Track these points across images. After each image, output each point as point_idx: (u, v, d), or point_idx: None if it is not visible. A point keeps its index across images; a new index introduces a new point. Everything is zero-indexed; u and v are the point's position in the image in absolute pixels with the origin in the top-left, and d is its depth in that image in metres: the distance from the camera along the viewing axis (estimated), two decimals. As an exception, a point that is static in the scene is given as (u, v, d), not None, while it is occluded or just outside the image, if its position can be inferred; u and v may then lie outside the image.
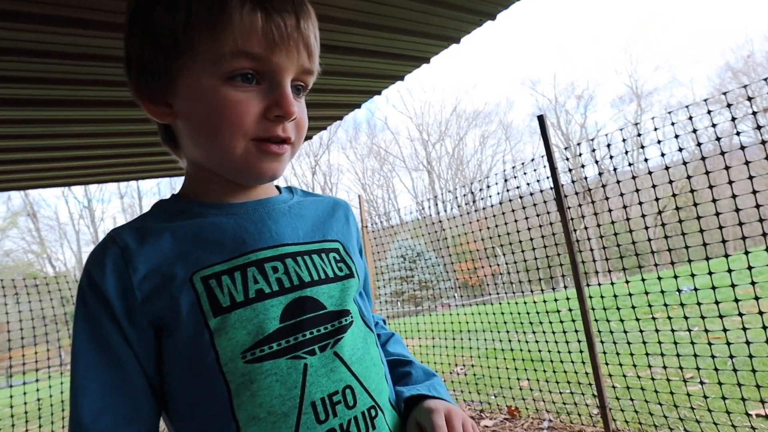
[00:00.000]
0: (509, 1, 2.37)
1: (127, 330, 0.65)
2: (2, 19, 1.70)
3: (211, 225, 0.71)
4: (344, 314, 0.73)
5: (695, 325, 3.50)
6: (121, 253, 0.66)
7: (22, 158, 3.09)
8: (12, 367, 5.27)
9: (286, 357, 0.65)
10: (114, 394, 0.64)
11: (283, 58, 0.67)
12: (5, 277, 16.40)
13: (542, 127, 3.24)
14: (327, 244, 0.78)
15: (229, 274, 0.67)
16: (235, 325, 0.64)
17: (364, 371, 0.71)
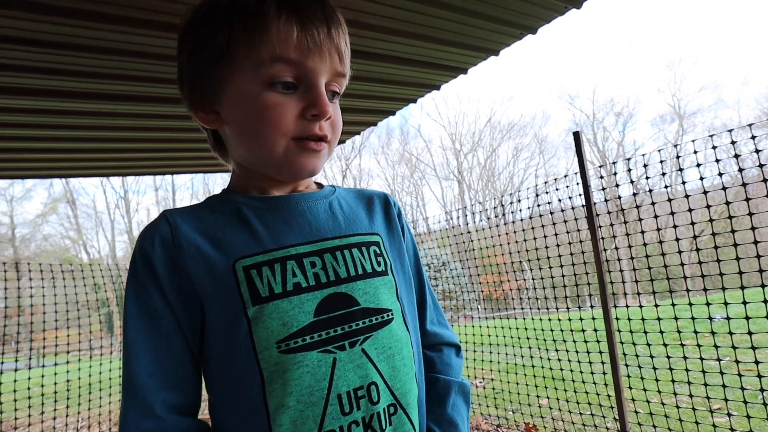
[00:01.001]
0: (551, 16, 2.37)
1: (173, 302, 0.71)
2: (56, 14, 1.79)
3: (255, 216, 0.76)
4: (379, 312, 0.75)
5: (726, 355, 3.40)
6: (171, 230, 0.72)
7: (66, 147, 3.20)
8: (45, 347, 5.44)
9: (317, 350, 0.69)
10: (159, 361, 0.69)
11: (316, 63, 0.72)
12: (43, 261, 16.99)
13: (578, 144, 3.20)
14: (367, 237, 0.81)
15: (269, 265, 0.71)
16: (271, 315, 0.68)
17: (390, 370, 0.74)
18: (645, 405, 3.50)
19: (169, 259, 0.71)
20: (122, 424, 0.68)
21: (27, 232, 23.62)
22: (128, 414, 0.67)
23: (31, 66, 2.12)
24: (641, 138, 30.12)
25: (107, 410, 5.65)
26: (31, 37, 1.91)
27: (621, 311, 4.57)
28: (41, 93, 2.36)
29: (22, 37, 1.90)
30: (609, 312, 3.07)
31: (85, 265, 6.64)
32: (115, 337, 16.96)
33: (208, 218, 0.76)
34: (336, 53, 0.74)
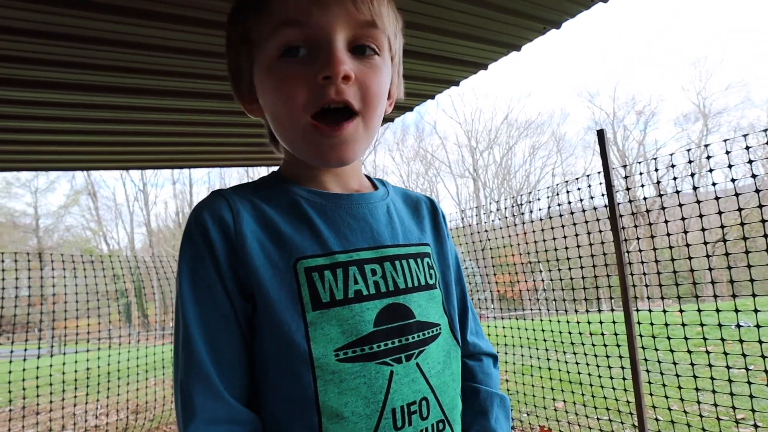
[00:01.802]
0: (576, 9, 2.29)
1: (230, 289, 0.65)
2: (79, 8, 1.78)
3: (316, 214, 0.71)
4: (430, 326, 0.72)
5: (752, 364, 3.28)
6: (232, 216, 0.67)
7: (88, 141, 3.24)
8: (66, 336, 5.54)
9: (375, 362, 0.66)
10: (220, 349, 0.64)
11: (326, 16, 0.64)
12: (65, 251, 17.31)
13: (602, 143, 3.12)
14: (422, 248, 0.77)
15: (331, 269, 0.67)
16: (331, 322, 0.65)
17: (440, 385, 0.71)
18: (666, 412, 3.40)
19: (229, 247, 0.66)
20: (189, 409, 0.61)
21: (50, 223, 24.17)
22: (197, 399, 0.61)
23: (55, 60, 2.14)
24: (663, 137, 29.62)
25: (125, 398, 5.75)
26: (55, 31, 1.92)
27: (643, 315, 4.46)
28: (65, 86, 2.38)
29: (47, 30, 1.91)
30: (630, 315, 2.99)
31: (105, 255, 6.77)
32: (133, 327, 17.25)
33: (266, 208, 0.70)
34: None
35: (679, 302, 3.00)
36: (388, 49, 0.71)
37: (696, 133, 24.03)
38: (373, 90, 0.67)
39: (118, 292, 8.69)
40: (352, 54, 0.66)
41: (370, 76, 0.67)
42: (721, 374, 3.11)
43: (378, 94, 0.68)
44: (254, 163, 4.83)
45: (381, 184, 0.84)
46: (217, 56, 2.29)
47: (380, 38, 0.68)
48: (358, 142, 0.69)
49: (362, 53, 0.67)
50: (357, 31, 0.66)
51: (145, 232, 27.92)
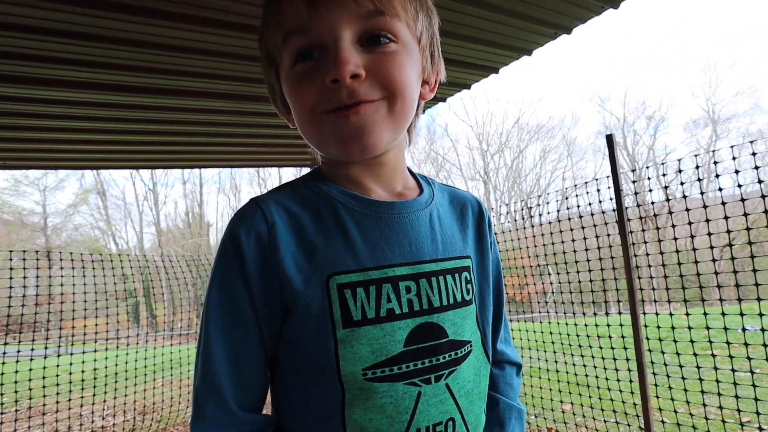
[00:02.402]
0: (587, 15, 2.33)
1: (258, 302, 0.66)
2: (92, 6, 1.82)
3: (353, 224, 0.69)
4: (462, 344, 0.70)
5: (758, 367, 3.30)
6: (268, 229, 0.66)
7: (98, 139, 3.27)
8: (74, 336, 5.56)
9: (403, 382, 0.65)
10: (236, 360, 0.66)
11: (328, 16, 0.62)
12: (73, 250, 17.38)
13: (610, 147, 3.15)
14: (461, 262, 0.74)
15: (364, 287, 0.65)
16: (361, 341, 0.64)
17: (468, 405, 0.70)
18: (672, 415, 3.42)
19: (263, 260, 0.65)
20: (200, 415, 0.66)
21: (58, 222, 24.30)
22: (207, 406, 0.65)
23: (66, 58, 2.18)
24: (673, 142, 29.43)
25: (132, 399, 5.76)
26: (68, 29, 1.96)
27: (649, 318, 4.48)
28: (76, 85, 2.42)
29: (59, 29, 1.95)
30: (638, 318, 3.01)
31: (114, 255, 6.78)
32: (141, 327, 17.30)
33: (303, 216, 0.68)
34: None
35: (685, 306, 3.02)
36: (409, 32, 0.68)
37: (705, 139, 23.91)
38: (394, 76, 0.64)
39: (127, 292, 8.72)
40: (364, 47, 0.64)
41: (385, 64, 0.64)
42: (726, 377, 3.12)
43: (400, 80, 0.65)
44: (265, 164, 4.86)
45: (426, 185, 0.80)
46: (228, 56, 2.33)
47: (393, 25, 0.65)
48: (381, 125, 0.65)
49: (376, 44, 0.64)
50: (364, 23, 0.63)
51: (155, 231, 28.04)
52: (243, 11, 1.97)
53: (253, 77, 2.58)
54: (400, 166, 0.77)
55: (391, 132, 0.67)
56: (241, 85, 2.67)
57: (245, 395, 0.67)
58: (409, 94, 0.67)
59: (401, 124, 0.68)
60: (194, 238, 27.10)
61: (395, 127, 0.67)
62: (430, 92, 0.76)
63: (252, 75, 2.56)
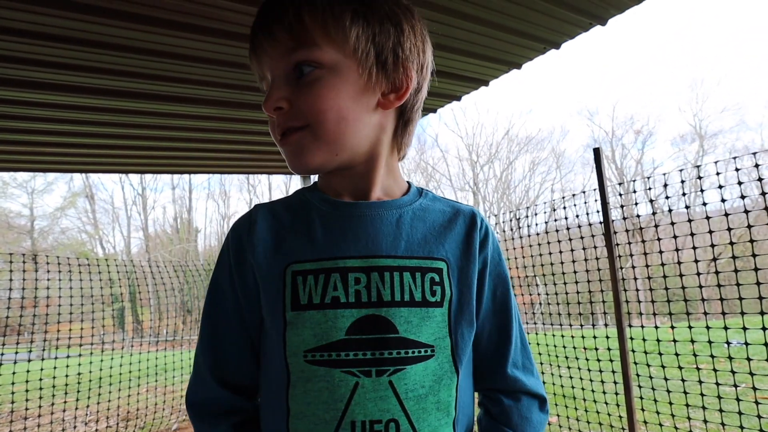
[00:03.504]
0: (575, 32, 2.37)
1: (239, 292, 0.75)
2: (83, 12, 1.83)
3: (320, 221, 0.75)
4: (416, 345, 0.69)
5: (742, 382, 3.32)
6: (249, 227, 0.76)
7: (88, 143, 3.25)
8: (59, 339, 5.48)
9: (340, 369, 0.66)
10: (217, 342, 0.77)
11: (262, 61, 0.73)
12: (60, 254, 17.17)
13: (597, 160, 3.18)
14: (429, 263, 0.72)
15: (314, 274, 0.69)
16: (305, 324, 0.68)
17: (419, 411, 0.68)
18: (657, 428, 3.43)
19: (239, 254, 0.75)
20: (188, 386, 0.79)
21: (45, 225, 24.01)
22: (191, 380, 0.78)
23: (56, 62, 2.17)
24: (660, 157, 29.74)
25: (116, 405, 5.69)
26: (58, 34, 1.96)
27: (635, 331, 4.51)
28: (65, 88, 2.41)
29: (49, 33, 1.95)
30: (623, 331, 3.03)
31: (100, 259, 6.70)
32: (126, 332, 17.10)
33: (284, 217, 0.77)
34: (273, 33, 0.69)
35: (671, 319, 3.05)
36: (336, 53, 0.70)
37: (692, 154, 24.24)
38: (311, 105, 0.69)
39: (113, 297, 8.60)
40: (295, 79, 0.70)
41: (304, 94, 0.69)
42: (711, 391, 3.14)
43: (317, 107, 0.69)
44: (255, 171, 4.86)
45: (413, 194, 0.81)
46: (220, 64, 2.33)
47: (310, 54, 0.69)
48: (310, 149, 0.71)
49: (302, 74, 0.69)
50: (287, 58, 0.69)
51: (142, 236, 27.80)
52: (233, 19, 1.98)
53: (244, 85, 2.59)
54: (379, 176, 0.78)
55: (323, 153, 0.71)
56: (232, 93, 2.67)
57: (221, 372, 0.76)
58: (334, 116, 0.69)
59: (334, 144, 0.71)
60: (182, 243, 26.90)
61: (327, 148, 0.71)
62: (397, 99, 0.75)
63: (243, 82, 2.56)
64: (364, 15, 0.71)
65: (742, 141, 23.97)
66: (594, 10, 2.17)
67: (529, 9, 2.12)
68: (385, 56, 0.73)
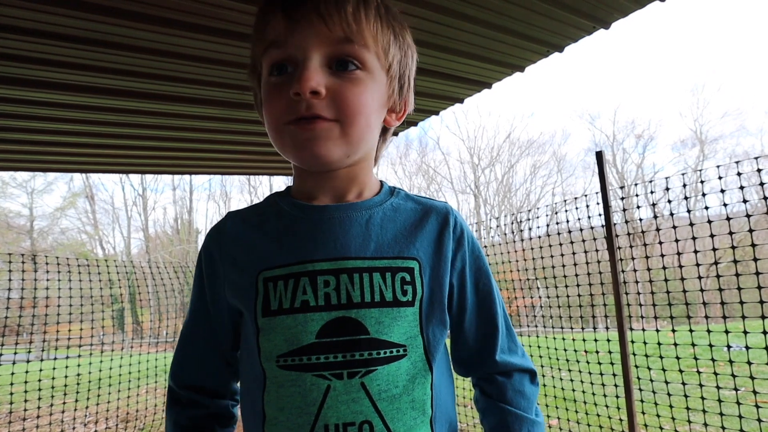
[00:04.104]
0: (578, 35, 2.37)
1: (210, 299, 0.79)
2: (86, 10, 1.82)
3: (289, 226, 0.75)
4: (388, 345, 0.69)
5: (743, 386, 3.33)
6: (218, 238, 0.79)
7: (89, 143, 3.24)
8: (58, 340, 5.46)
9: (312, 373, 0.67)
10: (189, 345, 0.83)
11: (299, 36, 0.68)
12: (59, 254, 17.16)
13: (600, 164, 3.19)
14: (399, 262, 0.72)
15: (284, 279, 0.70)
16: (276, 329, 0.69)
17: (393, 411, 0.68)
18: (657, 431, 3.43)
19: (210, 265, 0.78)
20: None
21: (45, 225, 23.98)
22: (170, 372, 0.84)
23: (57, 60, 2.17)
24: (661, 161, 29.87)
25: (115, 406, 5.68)
26: (59, 32, 1.95)
27: (636, 334, 4.51)
28: (68, 87, 2.41)
29: (51, 31, 1.94)
30: (624, 334, 3.03)
31: (100, 260, 6.69)
32: (125, 333, 17.08)
33: (254, 224, 0.78)
34: (329, 18, 0.67)
35: (671, 323, 3.05)
36: (378, 62, 0.72)
37: (693, 159, 24.27)
38: (350, 102, 0.68)
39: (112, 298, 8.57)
40: (333, 69, 0.69)
41: (346, 89, 0.68)
42: (711, 395, 3.14)
43: (356, 105, 0.69)
44: (255, 172, 4.86)
45: (384, 194, 0.81)
46: (222, 64, 2.33)
47: (361, 53, 0.69)
48: (332, 142, 0.69)
49: (343, 68, 0.69)
50: (334, 47, 0.68)
51: (142, 237, 27.77)
52: (235, 19, 1.98)
53: (246, 85, 2.59)
54: (359, 182, 0.79)
55: (342, 150, 0.70)
56: (234, 93, 2.68)
57: (184, 373, 0.82)
58: (364, 121, 0.71)
59: (354, 145, 0.71)
60: (182, 244, 26.88)
61: (347, 148, 0.71)
62: (396, 120, 0.81)
63: (244, 83, 2.56)
64: (397, 38, 0.76)
65: (743, 146, 24.01)
66: (598, 13, 2.18)
67: (533, 12, 2.12)
68: (402, 81, 0.79)
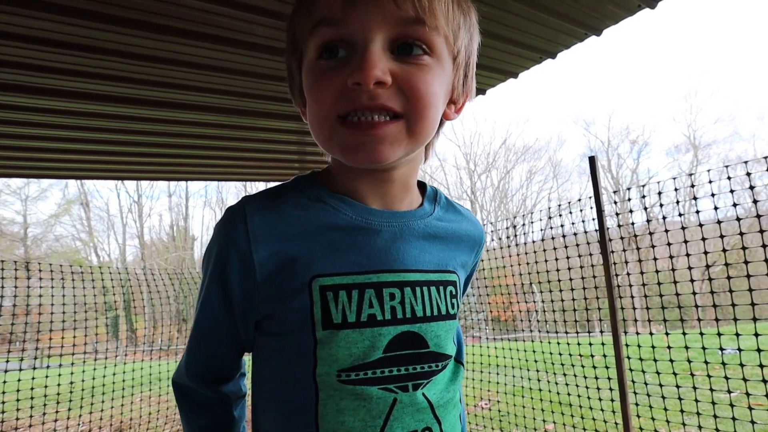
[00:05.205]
0: (571, 42, 2.40)
1: (235, 301, 0.68)
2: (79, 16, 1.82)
3: (341, 229, 0.67)
4: (442, 357, 0.70)
5: (736, 388, 3.35)
6: (246, 233, 0.65)
7: (83, 149, 3.23)
8: (51, 348, 5.42)
9: (378, 387, 0.64)
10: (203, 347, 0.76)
11: (361, 14, 0.59)
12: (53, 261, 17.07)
13: (593, 169, 3.22)
14: (447, 276, 0.73)
15: (347, 290, 0.65)
16: (339, 344, 0.64)
17: (445, 415, 0.70)
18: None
19: (237, 257, 0.66)
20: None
21: (39, 232, 23.85)
22: (177, 369, 0.80)
23: (52, 67, 2.17)
24: (656, 167, 29.99)
25: (108, 414, 5.63)
26: (54, 38, 1.96)
27: (631, 338, 4.53)
28: (60, 93, 2.40)
29: (45, 37, 1.94)
30: (619, 339, 3.05)
31: (95, 267, 6.65)
32: (120, 341, 16.97)
33: (291, 217, 0.67)
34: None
35: (665, 326, 3.07)
36: (445, 47, 0.64)
37: (687, 164, 24.46)
38: (421, 91, 0.61)
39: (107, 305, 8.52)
40: (395, 54, 0.61)
41: (415, 77, 0.61)
42: (705, 397, 3.16)
43: (426, 96, 0.61)
44: (252, 178, 4.85)
45: (429, 200, 0.78)
46: (217, 70, 2.34)
47: (430, 37, 0.61)
48: (397, 144, 0.62)
49: (408, 53, 0.61)
50: (400, 28, 0.60)
51: (138, 244, 27.63)
52: (231, 26, 2.00)
53: (242, 91, 2.60)
54: (410, 185, 0.75)
55: (404, 151, 0.64)
56: (230, 99, 2.69)
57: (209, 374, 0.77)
58: (432, 114, 0.64)
59: (419, 143, 0.66)
60: (178, 251, 26.77)
61: (412, 146, 0.65)
62: (456, 113, 0.74)
63: (241, 89, 2.58)
64: (466, 18, 0.69)
65: (736, 151, 24.24)
66: (589, 21, 2.21)
67: (525, 19, 2.15)
68: (467, 69, 0.73)
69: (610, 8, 2.11)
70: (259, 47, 2.16)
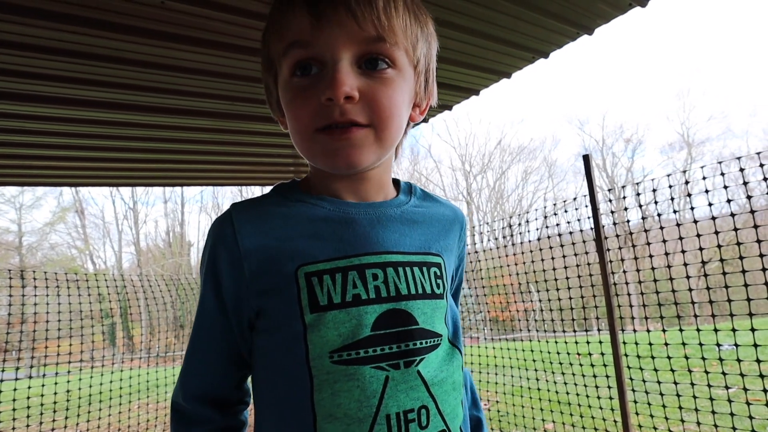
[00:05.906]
0: (563, 41, 2.41)
1: (229, 304, 0.72)
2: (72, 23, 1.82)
3: (321, 221, 0.72)
4: (434, 335, 0.72)
5: (734, 384, 3.35)
6: (233, 230, 0.70)
7: (78, 156, 3.22)
8: (47, 357, 5.38)
9: (370, 365, 0.66)
10: (202, 356, 0.76)
11: (327, 36, 0.65)
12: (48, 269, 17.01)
13: (587, 167, 3.23)
14: (430, 258, 0.76)
15: (330, 274, 0.68)
16: (328, 325, 0.66)
17: (442, 394, 0.71)
18: (651, 431, 3.45)
19: (228, 262, 0.70)
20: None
21: (34, 241, 23.72)
22: (174, 389, 0.78)
23: (45, 74, 2.16)
24: (650, 165, 30.11)
25: (106, 422, 5.61)
26: (47, 45, 1.95)
27: (628, 336, 4.54)
28: (54, 100, 2.40)
29: (38, 45, 1.94)
30: (616, 337, 3.06)
31: (90, 275, 6.62)
32: (117, 348, 16.88)
33: (274, 216, 0.72)
34: (360, 15, 0.64)
35: (662, 323, 3.08)
36: (407, 59, 0.71)
37: (681, 162, 24.59)
38: (383, 104, 0.67)
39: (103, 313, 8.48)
40: (362, 69, 0.67)
41: (379, 91, 0.67)
42: (703, 394, 3.17)
43: (389, 108, 0.68)
44: (247, 183, 4.85)
45: (405, 192, 0.83)
46: (211, 75, 2.34)
47: (392, 52, 0.68)
48: (367, 148, 0.69)
49: (374, 67, 0.67)
50: (364, 47, 0.66)
51: (134, 251, 27.51)
52: (225, 30, 2.00)
53: (237, 96, 2.60)
54: (385, 182, 0.80)
55: (376, 154, 0.70)
56: (224, 104, 2.69)
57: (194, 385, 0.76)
58: (396, 122, 0.70)
59: (387, 147, 0.72)
60: (174, 257, 26.69)
61: (381, 151, 0.71)
62: (420, 115, 0.80)
63: (235, 93, 2.58)
64: (423, 30, 0.74)
65: (729, 148, 24.39)
66: (581, 20, 2.22)
67: (518, 19, 2.16)
68: (428, 75, 0.78)
69: (601, 7, 2.13)
70: (252, 51, 2.16)
